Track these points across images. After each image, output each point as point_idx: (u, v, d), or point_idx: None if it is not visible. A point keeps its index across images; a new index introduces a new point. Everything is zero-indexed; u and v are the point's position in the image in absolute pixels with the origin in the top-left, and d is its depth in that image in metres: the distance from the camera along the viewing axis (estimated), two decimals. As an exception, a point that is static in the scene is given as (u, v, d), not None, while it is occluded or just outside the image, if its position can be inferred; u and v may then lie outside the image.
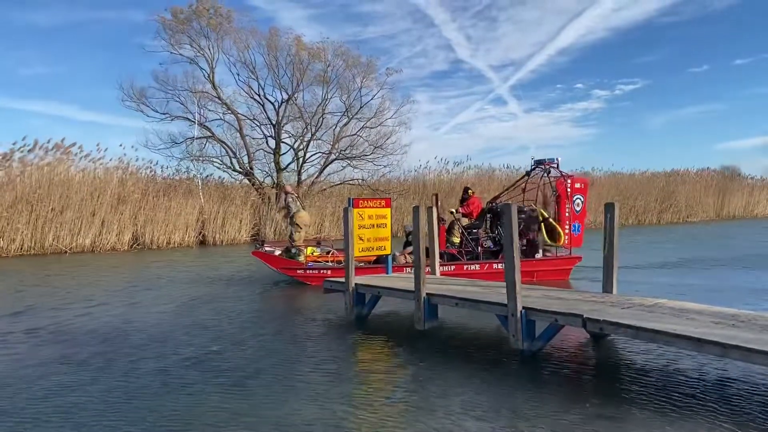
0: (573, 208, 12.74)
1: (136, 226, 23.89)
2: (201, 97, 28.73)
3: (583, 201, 12.96)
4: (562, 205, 12.75)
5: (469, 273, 12.06)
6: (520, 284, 6.42)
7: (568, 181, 12.75)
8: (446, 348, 6.93)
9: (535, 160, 13.68)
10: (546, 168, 13.28)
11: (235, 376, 5.97)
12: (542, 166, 13.32)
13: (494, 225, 13.13)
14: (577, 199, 12.82)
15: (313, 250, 13.46)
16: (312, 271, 12.52)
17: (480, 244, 12.94)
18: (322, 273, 12.24)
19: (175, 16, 28.11)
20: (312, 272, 12.50)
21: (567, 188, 12.69)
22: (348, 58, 29.91)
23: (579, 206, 12.84)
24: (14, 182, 22.24)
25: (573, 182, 12.81)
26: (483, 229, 13.25)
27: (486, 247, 12.99)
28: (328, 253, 13.42)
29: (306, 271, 12.57)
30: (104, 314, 9.50)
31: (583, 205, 13.01)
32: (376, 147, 29.96)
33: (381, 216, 9.54)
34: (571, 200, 12.75)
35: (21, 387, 5.70)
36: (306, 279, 12.53)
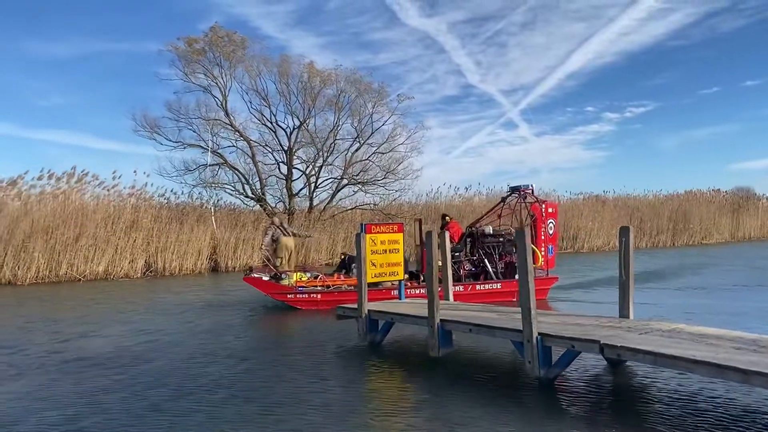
0: (546, 231, 13.45)
1: (149, 253, 23.99)
2: (214, 125, 29.03)
3: (555, 225, 13.74)
4: (538, 228, 13.37)
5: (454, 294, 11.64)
6: (536, 310, 6.34)
7: (543, 206, 13.48)
8: (461, 375, 6.84)
9: (510, 186, 14.47)
10: (522, 193, 13.91)
11: (247, 404, 5.92)
12: (518, 191, 13.98)
13: (474, 248, 13.81)
14: (550, 223, 13.53)
15: (301, 276, 13.73)
16: (302, 296, 12.88)
17: (462, 267, 13.47)
18: (312, 297, 12.80)
19: (190, 46, 28.55)
20: (302, 296, 12.88)
21: (542, 212, 13.34)
22: (360, 84, 30.20)
23: (551, 229, 13.63)
24: (30, 211, 22.49)
25: (547, 206, 13.59)
26: (464, 253, 13.77)
27: (467, 269, 13.56)
28: (316, 277, 13.68)
29: (296, 296, 12.90)
30: (118, 341, 9.50)
31: (555, 228, 13.78)
32: (388, 172, 30.06)
33: (393, 241, 9.52)
34: (546, 224, 13.44)
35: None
36: (295, 303, 12.88)
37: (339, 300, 12.64)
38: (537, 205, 13.62)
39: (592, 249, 33.34)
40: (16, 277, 21.07)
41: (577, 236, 33.69)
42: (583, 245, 33.53)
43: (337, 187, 30.39)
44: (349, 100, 30.26)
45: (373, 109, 30.40)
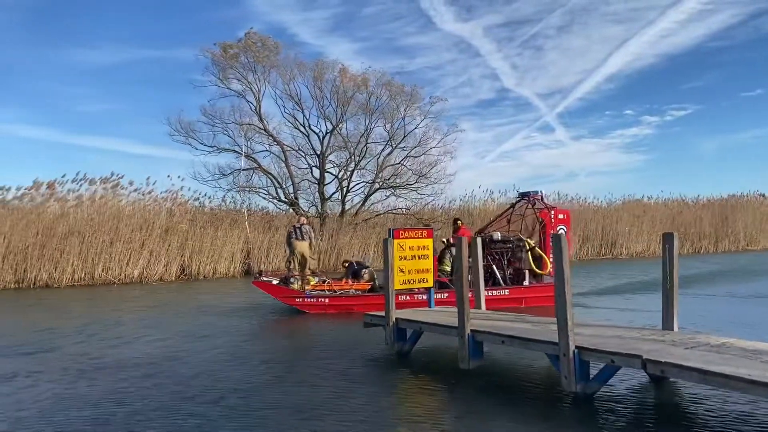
0: None
1: (183, 257, 24.15)
2: (248, 130, 29.19)
3: (566, 231, 13.63)
4: (547, 234, 13.17)
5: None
6: (573, 322, 5.96)
7: (552, 212, 13.52)
8: (493, 389, 6.49)
9: (520, 193, 14.64)
10: (531, 200, 14.01)
11: (275, 410, 5.71)
12: (527, 198, 14.09)
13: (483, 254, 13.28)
14: (560, 229, 13.41)
15: (310, 280, 13.87)
16: (310, 300, 13.08)
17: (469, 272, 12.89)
18: (320, 302, 13.06)
19: (225, 51, 28.75)
20: (310, 301, 13.08)
21: (551, 219, 13.39)
22: (392, 87, 30.00)
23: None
24: (67, 215, 22.88)
25: (556, 213, 13.61)
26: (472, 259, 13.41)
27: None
28: (324, 282, 13.86)
29: (304, 300, 13.10)
30: (152, 344, 9.42)
31: (566, 235, 13.39)
32: (421, 176, 29.74)
33: (422, 247, 9.20)
34: (556, 230, 13.28)
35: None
36: (303, 307, 13.07)
37: (346, 305, 13.11)
38: (546, 212, 13.63)
39: (631, 255, 32.42)
40: (52, 280, 21.40)
41: (615, 242, 32.79)
42: (622, 251, 32.62)
43: (369, 191, 30.25)
44: (381, 104, 30.12)
45: (405, 112, 30.16)
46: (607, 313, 11.98)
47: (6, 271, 21.22)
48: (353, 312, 12.69)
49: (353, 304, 13.04)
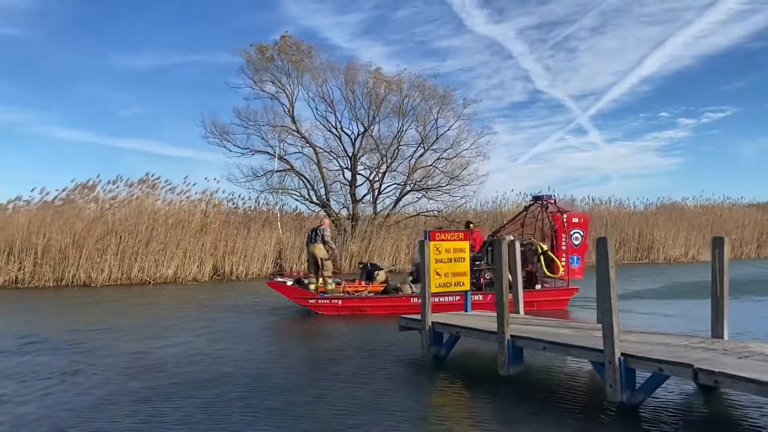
0: (571, 242, 13.48)
1: (217, 257, 24.35)
2: (281, 131, 29.33)
3: (583, 235, 13.61)
4: (559, 238, 13.41)
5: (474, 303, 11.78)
6: (619, 328, 5.75)
7: (564, 216, 13.50)
8: (534, 397, 6.30)
9: (533, 196, 14.73)
10: (544, 204, 14.03)
11: (309, 415, 5.61)
12: (540, 201, 14.11)
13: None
14: (575, 233, 13.50)
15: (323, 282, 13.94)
16: (323, 301, 13.21)
17: (482, 276, 13.50)
18: (333, 303, 13.18)
19: (260, 53, 28.95)
20: (323, 302, 13.20)
21: (563, 222, 13.39)
22: (424, 89, 29.81)
23: (578, 240, 13.54)
24: (105, 215, 23.27)
25: (570, 217, 13.60)
26: (484, 262, 13.70)
27: (488, 278, 13.52)
28: (338, 284, 13.90)
29: (318, 301, 13.23)
30: (191, 344, 9.45)
31: (583, 239, 13.62)
32: (452, 178, 29.51)
33: (459, 249, 9.03)
34: (569, 234, 13.42)
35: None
36: (317, 308, 13.23)
37: (359, 306, 13.29)
38: (559, 215, 13.62)
39: (668, 260, 31.67)
40: (90, 279, 21.77)
41: (652, 246, 32.06)
42: (659, 256, 31.88)
43: (401, 193, 30.10)
44: (414, 105, 29.97)
45: (438, 114, 29.97)
46: (648, 318, 11.66)
47: (46, 270, 21.67)
48: (366, 314, 13.05)
49: (366, 306, 13.28)
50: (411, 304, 12.76)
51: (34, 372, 7.77)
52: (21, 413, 5.96)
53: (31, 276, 21.55)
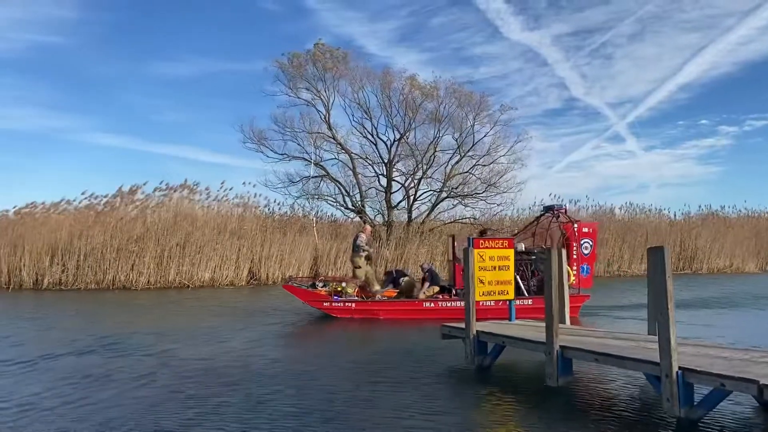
0: (581, 251, 13.78)
1: (253, 262, 24.55)
2: (317, 138, 29.52)
3: (592, 245, 13.89)
4: (570, 247, 13.57)
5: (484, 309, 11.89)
6: (676, 341, 5.53)
7: (575, 226, 13.78)
8: (584, 410, 6.10)
9: (544, 206, 15.19)
10: (555, 213, 14.23)
11: (351, 424, 5.52)
12: (552, 211, 14.31)
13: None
14: (585, 243, 13.80)
15: (336, 286, 14.36)
16: (336, 304, 13.58)
17: None
18: (347, 306, 13.56)
19: (294, 61, 29.22)
20: (336, 305, 13.58)
21: (574, 232, 13.63)
22: (460, 95, 29.69)
23: (588, 249, 13.85)
24: (144, 219, 23.68)
25: (581, 227, 13.92)
26: None
27: None
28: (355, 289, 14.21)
29: (331, 304, 13.61)
30: (225, 349, 9.49)
31: (592, 248, 13.92)
32: (489, 185, 29.24)
33: (503, 257, 8.88)
34: (579, 243, 13.69)
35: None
36: (330, 311, 13.61)
37: (372, 310, 13.60)
38: (570, 225, 13.87)
39: (712, 270, 30.81)
40: (129, 282, 22.15)
41: (694, 256, 31.23)
42: (702, 266, 31.03)
43: (436, 200, 29.97)
44: (450, 112, 29.84)
45: (474, 120, 29.77)
46: (698, 330, 11.27)
47: (87, 273, 22.13)
48: (379, 318, 13.35)
49: (379, 309, 13.58)
50: (423, 309, 13.38)
51: (114, 372, 7.87)
52: (105, 413, 6.02)
53: (74, 278, 22.03)
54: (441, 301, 13.59)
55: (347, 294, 14.02)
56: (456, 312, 12.79)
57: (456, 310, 12.95)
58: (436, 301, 13.61)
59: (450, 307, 13.30)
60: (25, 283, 21.92)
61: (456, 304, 13.15)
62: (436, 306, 13.43)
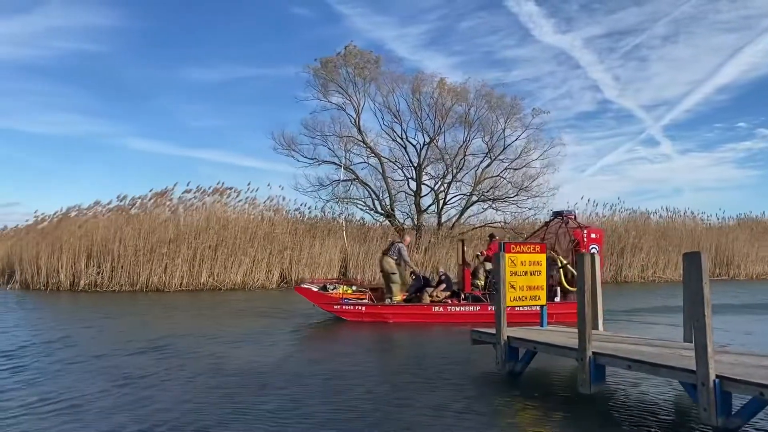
0: None
1: (283, 264, 24.75)
2: (347, 142, 29.66)
3: (599, 250, 13.72)
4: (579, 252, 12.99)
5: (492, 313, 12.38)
6: (713, 348, 5.41)
7: (584, 231, 13.79)
8: (618, 418, 6.01)
9: (554, 212, 15.70)
10: (564, 219, 14.43)
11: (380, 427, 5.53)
12: (561, 217, 14.56)
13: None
14: (592, 249, 13.68)
15: (346, 289, 14.64)
16: (347, 307, 13.82)
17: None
18: (357, 309, 13.79)
19: (324, 66, 29.42)
20: (347, 308, 13.82)
21: (583, 237, 13.62)
22: (491, 98, 29.53)
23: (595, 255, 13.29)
24: (177, 222, 24.07)
25: (589, 232, 13.84)
26: None
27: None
28: (362, 291, 14.52)
29: (342, 307, 13.85)
30: (258, 353, 9.59)
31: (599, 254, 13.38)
32: (521, 189, 28.97)
33: (536, 262, 8.78)
34: (588, 249, 13.52)
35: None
36: (341, 314, 13.86)
37: (381, 313, 13.75)
38: (579, 231, 13.90)
39: (750, 276, 30.05)
40: (162, 284, 22.53)
41: (731, 262, 30.51)
42: (740, 272, 30.29)
43: (467, 203, 29.82)
44: (480, 115, 29.68)
45: (505, 124, 29.56)
46: (736, 337, 11.01)
47: (121, 275, 22.57)
48: (388, 321, 13.52)
49: (388, 313, 13.75)
50: (432, 313, 13.65)
51: (161, 371, 8.04)
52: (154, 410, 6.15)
53: (109, 280, 22.49)
54: (450, 306, 13.78)
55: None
56: (464, 316, 13.40)
57: (464, 314, 13.47)
58: (444, 305, 13.82)
59: (459, 312, 13.61)
60: (62, 284, 22.45)
61: (465, 309, 13.56)
62: (445, 310, 13.67)
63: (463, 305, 13.75)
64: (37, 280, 22.80)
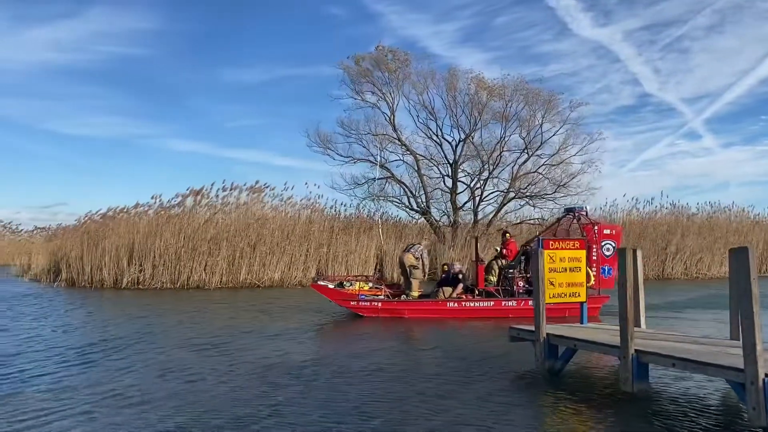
0: (602, 252, 14.04)
1: (320, 262, 24.93)
2: (382, 140, 29.62)
3: (615, 246, 13.91)
4: (590, 249, 13.31)
5: (507, 309, 13.73)
6: (762, 346, 5.24)
7: (596, 228, 14.07)
8: (662, 417, 5.86)
9: (565, 208, 16.18)
10: (576, 215, 14.60)
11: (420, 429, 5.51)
12: (572, 213, 14.75)
13: (528, 266, 14.36)
14: (607, 245, 14.04)
15: (362, 285, 14.87)
16: (364, 303, 14.03)
17: (515, 283, 14.30)
18: (373, 305, 14.03)
19: (357, 64, 29.48)
20: (364, 304, 14.03)
21: (594, 234, 13.87)
22: (528, 93, 29.10)
23: (610, 251, 14.03)
24: (215, 221, 24.47)
25: (601, 229, 14.21)
26: (518, 270, 14.58)
27: (521, 286, 14.31)
28: (378, 287, 14.79)
29: (358, 303, 14.05)
30: (300, 349, 9.69)
31: (615, 250, 13.86)
32: (559, 186, 28.51)
33: (575, 259, 8.64)
34: (599, 245, 13.97)
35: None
36: (358, 310, 14.07)
37: (397, 309, 14.02)
38: (590, 227, 14.08)
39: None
40: (202, 281, 22.93)
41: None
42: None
43: (503, 200, 29.51)
44: (517, 111, 29.32)
45: (542, 119, 29.13)
46: None
47: (162, 273, 23.06)
48: (404, 317, 13.79)
49: (404, 309, 14.01)
50: (447, 309, 13.92)
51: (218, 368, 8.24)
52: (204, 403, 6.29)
53: (151, 277, 22.99)
54: (465, 301, 14.06)
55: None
56: (479, 311, 13.82)
57: (479, 310, 13.86)
58: (459, 301, 14.09)
59: (473, 308, 13.95)
60: (106, 282, 23.05)
61: (479, 304, 13.95)
62: (460, 306, 13.95)
63: (478, 301, 14.11)
64: (82, 278, 23.46)
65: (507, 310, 13.72)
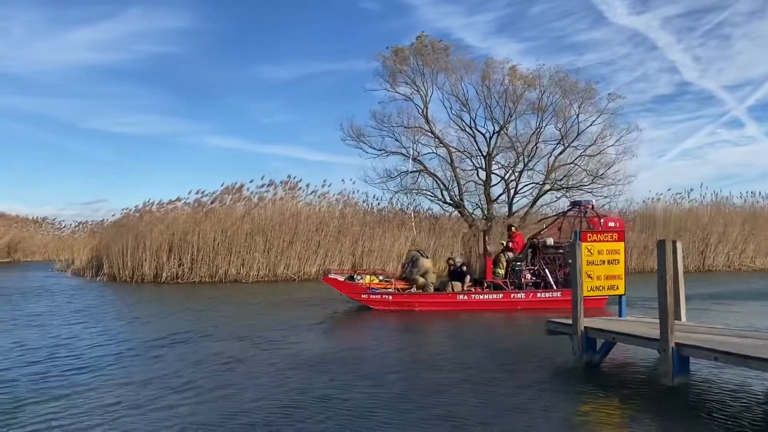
0: None
1: (355, 256, 25.07)
2: (415, 132, 29.51)
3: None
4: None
5: (515, 301, 14.09)
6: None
7: (602, 221, 13.66)
8: (703, 411, 5.76)
9: (571, 201, 16.33)
10: (582, 208, 14.65)
11: (458, 422, 5.53)
12: (579, 206, 14.84)
13: (535, 259, 14.88)
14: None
15: (373, 278, 15.03)
16: (374, 296, 14.19)
17: (523, 276, 14.57)
18: (384, 298, 14.19)
19: (396, 55, 29.36)
20: (374, 297, 14.19)
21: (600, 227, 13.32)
22: (565, 84, 28.63)
23: None
24: (252, 216, 24.83)
25: (607, 221, 13.65)
26: (525, 263, 14.81)
27: (528, 278, 14.62)
28: (389, 281, 14.97)
29: (369, 296, 14.22)
30: (332, 343, 9.80)
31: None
32: (596, 177, 28.05)
33: (613, 251, 8.54)
34: None
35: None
36: (369, 303, 14.23)
37: (407, 302, 14.16)
38: (596, 220, 13.93)
39: None
40: (240, 275, 23.31)
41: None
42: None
43: (539, 192, 29.17)
44: (553, 101, 28.89)
45: (579, 109, 28.66)
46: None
47: (201, 267, 23.51)
48: (414, 309, 13.95)
49: (413, 302, 14.16)
50: (457, 301, 14.10)
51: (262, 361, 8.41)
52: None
53: (189, 271, 23.46)
54: (474, 294, 14.27)
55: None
56: (488, 304, 14.01)
57: (488, 302, 14.05)
58: (468, 294, 14.29)
59: (482, 300, 14.14)
60: (146, 276, 23.59)
61: (488, 297, 14.13)
62: (469, 298, 14.14)
63: (487, 293, 14.30)
64: (123, 273, 24.04)
65: (516, 302, 14.05)
